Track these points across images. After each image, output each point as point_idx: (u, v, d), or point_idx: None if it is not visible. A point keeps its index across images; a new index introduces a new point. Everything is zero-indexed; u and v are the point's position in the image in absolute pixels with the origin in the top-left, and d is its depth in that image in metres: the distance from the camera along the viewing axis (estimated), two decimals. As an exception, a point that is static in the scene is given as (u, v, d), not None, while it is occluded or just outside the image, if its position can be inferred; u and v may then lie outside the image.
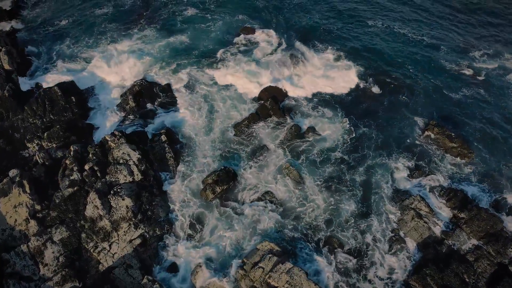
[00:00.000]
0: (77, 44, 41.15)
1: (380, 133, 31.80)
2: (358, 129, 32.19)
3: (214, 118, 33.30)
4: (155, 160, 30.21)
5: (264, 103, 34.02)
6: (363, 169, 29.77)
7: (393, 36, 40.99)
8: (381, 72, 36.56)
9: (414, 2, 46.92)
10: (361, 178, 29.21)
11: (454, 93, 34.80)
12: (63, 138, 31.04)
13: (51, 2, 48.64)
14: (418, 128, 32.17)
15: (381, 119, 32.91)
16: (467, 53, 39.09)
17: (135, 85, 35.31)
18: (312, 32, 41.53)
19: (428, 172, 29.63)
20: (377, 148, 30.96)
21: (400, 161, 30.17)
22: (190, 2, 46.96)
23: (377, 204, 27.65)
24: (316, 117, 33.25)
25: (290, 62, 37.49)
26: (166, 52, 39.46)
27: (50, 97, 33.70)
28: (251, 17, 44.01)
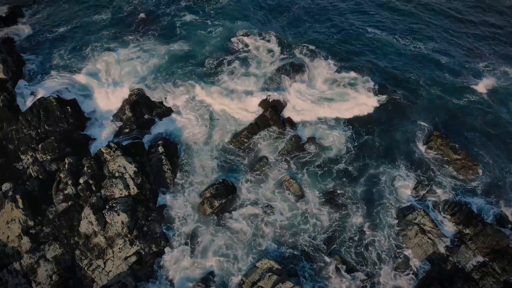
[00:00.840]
0: (75, 52, 40.36)
1: (383, 144, 31.08)
2: (360, 140, 31.49)
3: (213, 129, 32.58)
4: (152, 173, 29.48)
5: (264, 113, 33.32)
6: (365, 182, 29.07)
7: (395, 46, 40.22)
8: (383, 82, 35.79)
9: (415, 11, 46.05)
10: (364, 191, 28.50)
11: (458, 103, 34.08)
12: (58, 149, 30.29)
13: (50, 8, 47.86)
14: (421, 139, 31.45)
15: (384, 130, 32.19)
16: (470, 63, 38.33)
17: (132, 94, 34.61)
18: (312, 41, 40.74)
19: (431, 185, 28.90)
20: (379, 160, 30.24)
21: (403, 174, 29.45)
22: (189, 8, 46.23)
23: (380, 219, 26.93)
24: (316, 127, 32.56)
25: (290, 71, 36.70)
26: (165, 60, 38.71)
27: (46, 107, 32.98)
28: (251, 24, 43.26)
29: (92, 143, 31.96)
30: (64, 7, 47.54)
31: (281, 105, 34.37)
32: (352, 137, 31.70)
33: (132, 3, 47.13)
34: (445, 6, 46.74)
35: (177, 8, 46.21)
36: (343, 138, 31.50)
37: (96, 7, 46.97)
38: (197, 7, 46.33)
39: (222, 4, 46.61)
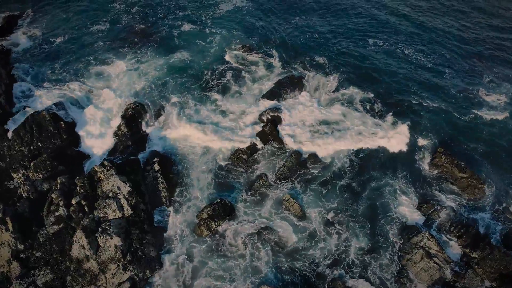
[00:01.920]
0: (71, 65, 39.42)
1: (386, 160, 30.10)
2: (362, 156, 30.43)
3: (211, 145, 31.54)
4: (147, 192, 28.55)
5: (263, 128, 32.42)
6: (368, 202, 28.13)
7: (396, 57, 39.27)
8: (385, 95, 34.89)
9: (416, 21, 45.11)
10: (366, 211, 27.56)
11: (463, 118, 33.06)
12: (50, 167, 29.34)
13: (47, 18, 46.91)
14: (425, 156, 30.49)
15: (386, 146, 31.11)
16: (474, 75, 37.34)
17: (128, 108, 33.72)
18: (311, 52, 39.92)
19: (436, 205, 27.88)
20: (382, 178, 29.28)
21: (407, 192, 28.52)
22: (187, 18, 45.42)
23: (384, 242, 25.96)
24: (317, 142, 31.44)
25: (289, 86, 35.80)
26: (163, 72, 37.88)
27: (39, 122, 32.09)
28: (249, 35, 42.41)
29: (86, 161, 30.96)
30: (61, 16, 46.65)
31: (281, 120, 33.40)
32: (354, 153, 30.62)
33: (130, 12, 46.30)
34: (448, 18, 45.66)
35: (175, 17, 45.41)
36: (344, 154, 30.42)
37: (94, 16, 46.11)
38: (195, 17, 45.50)
39: (220, 14, 45.81)
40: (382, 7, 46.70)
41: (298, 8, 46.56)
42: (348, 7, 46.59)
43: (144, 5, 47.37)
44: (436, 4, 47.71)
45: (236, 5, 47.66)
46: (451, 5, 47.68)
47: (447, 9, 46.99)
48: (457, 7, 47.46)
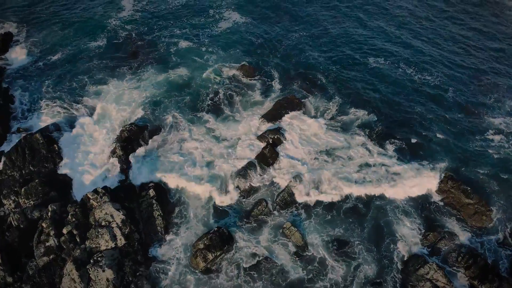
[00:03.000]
0: (68, 83, 38.74)
1: (390, 187, 28.96)
2: (366, 182, 29.34)
3: (209, 168, 30.55)
4: (141, 219, 27.51)
5: (263, 151, 31.41)
6: (372, 229, 27.09)
7: (399, 77, 38.37)
8: (388, 118, 33.98)
9: (418, 39, 44.38)
10: (371, 239, 26.54)
11: (469, 142, 32.05)
12: (41, 194, 28.36)
13: (43, 34, 46.35)
14: (430, 181, 29.31)
15: (390, 171, 30.06)
16: (478, 95, 36.43)
17: (124, 130, 32.79)
18: (311, 71, 39.17)
19: (443, 233, 26.76)
20: (387, 204, 28.21)
21: (413, 220, 27.44)
22: (184, 35, 44.79)
23: (390, 273, 24.86)
24: (319, 166, 30.39)
25: (288, 106, 34.96)
26: (159, 90, 37.21)
27: (31, 145, 31.25)
28: (246, 53, 41.73)
29: (79, 185, 29.94)
30: (57, 33, 46.11)
31: (281, 142, 32.44)
32: (357, 179, 29.51)
33: (127, 29, 45.72)
34: (450, 35, 44.97)
35: (172, 35, 44.80)
36: (348, 180, 29.34)
37: (91, 33, 45.60)
38: (192, 35, 44.94)
39: (219, 30, 45.16)
40: (383, 25, 45.95)
41: (297, 26, 45.91)
42: (348, 25, 45.92)
43: (140, 22, 46.84)
44: (437, 21, 47.00)
45: (235, 22, 47.07)
46: (453, 23, 46.97)
47: (448, 27, 46.24)
48: (459, 24, 46.73)
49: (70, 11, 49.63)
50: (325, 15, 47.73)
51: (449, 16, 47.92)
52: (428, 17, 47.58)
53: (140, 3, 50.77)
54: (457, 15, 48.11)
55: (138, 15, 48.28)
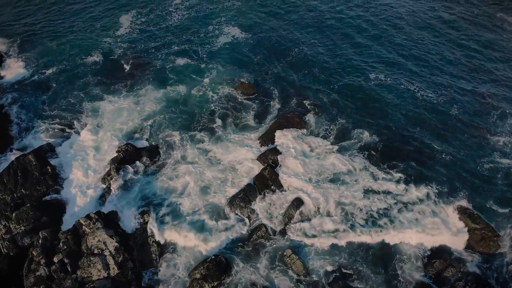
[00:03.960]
0: (62, 101, 38.08)
1: (395, 211, 27.98)
2: (370, 207, 28.33)
3: (205, 191, 29.64)
4: (135, 246, 26.49)
5: (262, 172, 30.51)
6: (377, 255, 25.95)
7: (401, 94, 37.57)
8: (391, 138, 33.06)
9: (420, 53, 43.75)
10: (376, 266, 25.42)
11: (475, 163, 31.12)
12: (33, 219, 27.41)
13: (37, 49, 45.88)
14: (435, 205, 28.32)
15: (394, 193, 29.12)
16: (481, 113, 35.56)
17: (119, 151, 31.96)
18: (311, 88, 38.43)
19: (449, 260, 25.69)
20: (392, 228, 27.08)
21: (418, 246, 26.28)
22: (182, 52, 44.23)
23: (393, 305, 23.65)
24: (321, 189, 29.44)
25: (288, 125, 34.17)
26: (159, 108, 36.48)
27: (24, 167, 30.42)
28: (246, 71, 41.07)
29: (71, 210, 28.97)
30: (51, 48, 45.61)
31: (281, 163, 31.52)
32: (361, 206, 28.43)
33: (124, 46, 45.26)
34: (452, 50, 44.38)
35: (170, 51, 44.27)
36: (351, 205, 28.33)
37: (87, 50, 45.09)
38: (191, 51, 44.36)
39: (217, 47, 44.64)
40: (384, 42, 45.40)
41: (297, 42, 45.40)
42: (348, 42, 45.38)
43: (138, 38, 46.43)
44: (439, 37, 46.48)
45: (235, 37, 46.57)
46: (455, 39, 46.44)
47: (450, 43, 45.71)
48: (461, 40, 46.19)
49: (67, 28, 49.25)
50: (325, 32, 47.24)
51: (451, 32, 47.39)
52: (429, 33, 47.03)
53: (139, 20, 50.39)
54: (459, 32, 47.56)
55: (136, 31, 47.86)
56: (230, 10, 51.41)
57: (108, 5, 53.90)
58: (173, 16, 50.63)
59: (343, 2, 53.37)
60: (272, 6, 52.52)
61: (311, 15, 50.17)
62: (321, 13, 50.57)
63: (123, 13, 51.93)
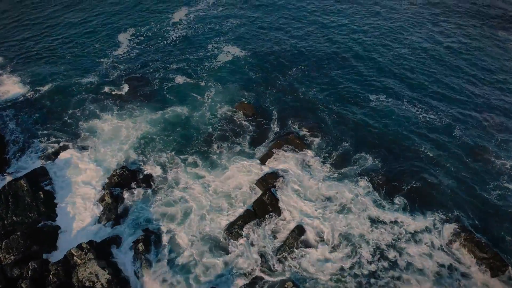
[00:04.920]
0: (59, 120, 37.16)
1: (400, 242, 27.03)
2: (374, 238, 27.31)
3: (202, 218, 28.62)
4: (129, 278, 25.29)
5: (262, 197, 29.54)
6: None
7: (403, 116, 36.90)
8: (392, 162, 32.30)
9: (421, 73, 43.29)
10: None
11: (481, 187, 30.27)
12: (23, 248, 26.26)
13: (31, 67, 45.14)
14: (441, 234, 27.35)
15: (400, 223, 28.16)
16: (485, 136, 34.86)
17: (114, 175, 31.07)
18: (310, 108, 37.73)
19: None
20: (397, 263, 26.03)
21: (424, 279, 25.17)
22: (181, 70, 43.73)
23: None
24: (324, 217, 28.43)
25: (288, 147, 33.39)
26: (154, 130, 35.69)
27: (16, 192, 29.46)
28: (245, 88, 40.53)
29: (63, 237, 27.90)
30: (45, 67, 44.91)
31: (281, 187, 30.62)
32: (366, 237, 27.39)
33: (122, 65, 44.73)
34: (455, 68, 43.92)
35: (168, 70, 43.74)
36: (356, 235, 27.26)
37: (82, 68, 44.48)
38: (190, 69, 43.83)
39: (216, 66, 44.13)
40: (384, 61, 44.99)
41: (297, 61, 45.04)
42: (348, 61, 44.95)
43: (136, 57, 45.94)
44: (441, 57, 46.12)
45: (235, 55, 46.14)
46: (457, 59, 46.09)
47: (452, 62, 45.31)
48: (463, 60, 45.83)
49: (64, 46, 48.80)
50: (326, 52, 46.85)
51: (451, 52, 47.04)
52: (429, 55, 46.65)
53: (137, 38, 50.02)
54: (461, 51, 47.21)
55: (134, 50, 47.43)
56: (229, 29, 51.14)
57: (107, 23, 53.62)
58: (172, 34, 50.28)
59: (344, 23, 53.13)
60: (271, 25, 52.30)
61: (312, 36, 49.90)
62: (321, 33, 50.29)
63: (121, 31, 51.55)
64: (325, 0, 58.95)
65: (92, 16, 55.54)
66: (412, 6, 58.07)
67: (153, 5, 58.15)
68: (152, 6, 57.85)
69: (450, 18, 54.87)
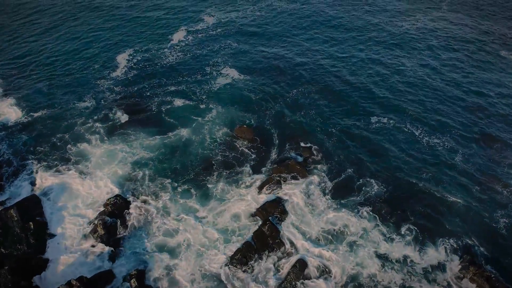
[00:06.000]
0: (52, 146, 36.15)
1: (408, 276, 25.68)
2: (380, 275, 25.97)
3: (200, 255, 27.20)
4: (122, 317, 23.89)
5: (262, 228, 28.33)
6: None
7: (405, 140, 36.02)
8: (396, 189, 31.30)
9: (423, 94, 42.64)
10: None
11: (489, 215, 29.21)
12: (11, 283, 24.90)
13: (32, 90, 44.43)
14: (447, 267, 26.07)
15: (407, 255, 26.91)
16: (489, 161, 33.91)
17: (108, 204, 29.89)
18: (310, 132, 36.90)
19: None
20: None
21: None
22: (180, 93, 43.03)
23: None
24: (327, 250, 27.14)
25: (290, 172, 32.36)
26: (151, 155, 34.69)
27: (5, 222, 28.33)
28: (244, 111, 39.83)
29: (53, 273, 26.53)
30: (42, 90, 44.11)
31: (281, 217, 29.44)
32: (372, 274, 26.04)
33: (119, 87, 44.00)
34: (458, 90, 43.31)
35: (165, 93, 43.01)
36: (361, 272, 25.95)
37: (79, 91, 43.71)
38: (189, 92, 43.18)
39: (215, 89, 43.50)
40: (385, 83, 44.39)
41: (295, 81, 44.53)
42: (348, 83, 44.34)
43: (134, 79, 45.33)
44: (441, 78, 45.57)
45: (233, 78, 45.54)
46: (458, 79, 45.53)
47: (453, 84, 44.72)
48: (464, 81, 45.25)
49: (62, 67, 48.25)
50: (324, 73, 46.32)
51: (456, 75, 46.50)
52: (431, 76, 46.13)
53: (135, 58, 49.54)
54: (462, 73, 46.70)
55: (132, 71, 46.84)
56: (227, 51, 50.76)
57: (105, 44, 53.25)
58: (170, 56, 49.83)
59: (344, 47, 52.74)
60: (270, 47, 51.91)
61: (311, 58, 49.43)
62: (321, 56, 49.87)
63: (120, 52, 51.09)
64: (325, 24, 58.75)
65: (91, 36, 55.27)
66: (414, 29, 57.87)
67: (152, 26, 57.96)
68: (152, 28, 57.65)
69: (453, 41, 54.54)
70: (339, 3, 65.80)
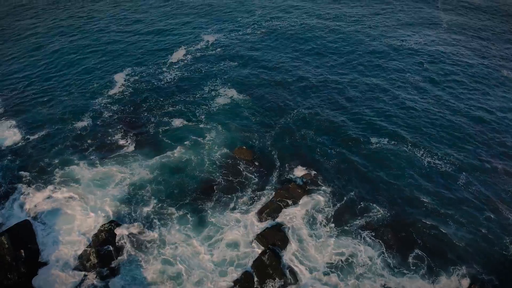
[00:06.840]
0: (46, 167, 35.22)
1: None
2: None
3: (197, 283, 26.09)
4: None
5: (261, 257, 27.25)
6: None
7: (406, 162, 35.25)
8: (399, 215, 30.43)
9: (424, 114, 42.15)
10: None
11: (497, 242, 28.28)
12: (-2, 317, 23.69)
13: (28, 109, 43.69)
14: (457, 297, 25.10)
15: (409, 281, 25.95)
16: (498, 187, 33.14)
17: (102, 231, 28.83)
18: (309, 154, 36.16)
19: None
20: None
21: None
22: (178, 112, 42.38)
23: None
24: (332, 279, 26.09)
25: (291, 197, 31.52)
26: (148, 177, 33.72)
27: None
28: (244, 131, 39.16)
29: (44, 304, 25.35)
30: (38, 110, 43.36)
31: (283, 245, 28.43)
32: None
33: (116, 106, 43.35)
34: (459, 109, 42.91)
35: (163, 113, 42.34)
36: None
37: (77, 111, 42.97)
38: (187, 111, 42.54)
39: (214, 109, 42.90)
40: (385, 103, 43.99)
41: (295, 102, 44.03)
42: (348, 103, 43.86)
43: (131, 99, 44.57)
44: (442, 100, 45.23)
45: (232, 98, 45.02)
46: (461, 99, 45.19)
47: (454, 105, 44.36)
48: (467, 101, 44.90)
49: (59, 86, 47.69)
50: (324, 93, 45.96)
51: (456, 94, 46.17)
52: (433, 95, 45.79)
53: (133, 77, 49.07)
54: (466, 94, 46.37)
55: (129, 90, 46.24)
56: (227, 71, 50.39)
57: (103, 62, 52.89)
58: (169, 75, 49.40)
59: (345, 64, 52.59)
60: (269, 67, 51.55)
61: (311, 78, 49.05)
62: (321, 76, 49.54)
63: (118, 71, 50.69)
64: (325, 41, 58.71)
65: (90, 54, 55.03)
66: (417, 46, 57.87)
67: (151, 45, 57.79)
68: (151, 46, 57.47)
69: (454, 57, 54.49)
70: (340, 24, 65.91)
